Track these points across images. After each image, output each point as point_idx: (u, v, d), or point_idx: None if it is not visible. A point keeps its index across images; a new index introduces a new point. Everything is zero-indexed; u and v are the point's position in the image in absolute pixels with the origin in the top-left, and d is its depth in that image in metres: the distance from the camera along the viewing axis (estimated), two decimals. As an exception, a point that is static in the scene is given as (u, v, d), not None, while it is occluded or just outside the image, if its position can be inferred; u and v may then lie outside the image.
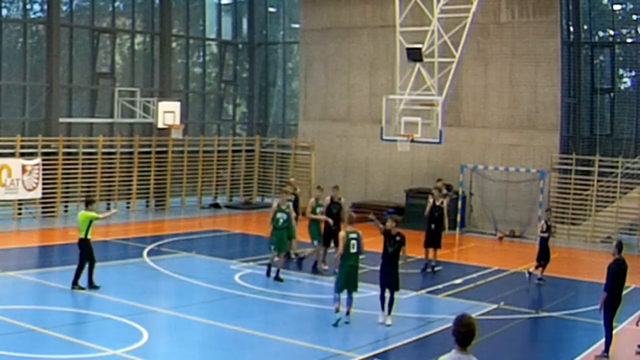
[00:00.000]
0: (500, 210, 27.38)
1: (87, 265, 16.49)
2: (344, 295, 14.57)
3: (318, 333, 14.30)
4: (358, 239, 14.58)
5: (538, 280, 19.17)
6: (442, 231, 20.58)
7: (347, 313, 14.64)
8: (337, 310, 14.47)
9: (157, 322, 14.69)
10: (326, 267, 19.28)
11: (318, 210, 19.52)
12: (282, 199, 18.83)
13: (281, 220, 18.27)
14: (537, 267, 19.41)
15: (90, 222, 16.44)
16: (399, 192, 29.04)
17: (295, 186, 21.48)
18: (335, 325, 14.36)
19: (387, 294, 14.63)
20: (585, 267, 22.56)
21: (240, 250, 22.57)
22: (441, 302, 17.17)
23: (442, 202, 20.48)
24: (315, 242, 19.49)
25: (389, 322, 14.55)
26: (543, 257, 19.24)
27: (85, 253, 16.46)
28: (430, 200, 20.48)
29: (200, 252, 21.41)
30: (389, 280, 14.61)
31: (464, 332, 6.41)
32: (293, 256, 20.30)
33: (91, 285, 16.40)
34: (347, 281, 14.50)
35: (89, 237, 16.48)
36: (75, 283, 16.32)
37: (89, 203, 16.97)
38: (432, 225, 20.13)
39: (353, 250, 14.53)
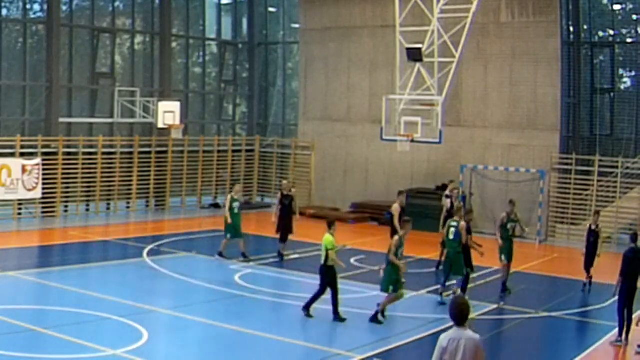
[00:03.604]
0: (500, 210, 27.26)
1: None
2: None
3: (318, 333, 14.31)
4: (457, 227, 16.52)
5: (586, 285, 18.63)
6: None
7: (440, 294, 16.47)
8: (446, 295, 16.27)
9: (157, 322, 14.69)
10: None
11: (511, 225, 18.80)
12: (405, 230, 15.70)
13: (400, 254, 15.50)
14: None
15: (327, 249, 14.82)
16: (399, 192, 29.00)
17: (290, 187, 21.82)
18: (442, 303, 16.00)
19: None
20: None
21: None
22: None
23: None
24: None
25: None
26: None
27: (324, 281, 14.85)
28: (448, 202, 20.33)
29: (200, 252, 21.39)
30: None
31: (457, 312, 7.50)
32: (241, 258, 20.40)
33: (337, 317, 14.85)
34: (447, 266, 16.68)
35: (329, 263, 14.84)
36: (307, 307, 15.03)
37: (330, 225, 15.12)
38: None
39: (451, 237, 16.58)
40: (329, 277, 14.84)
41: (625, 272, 13.89)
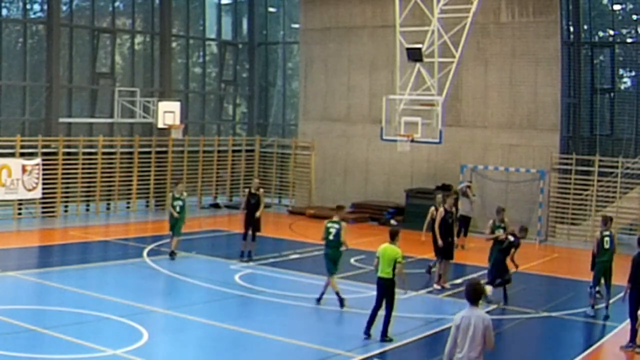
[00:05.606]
0: (501, 211, 27.32)
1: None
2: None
3: (318, 333, 14.31)
4: (611, 237, 16.12)
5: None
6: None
7: (606, 307, 16.09)
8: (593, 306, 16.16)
9: (157, 322, 14.70)
10: None
11: (498, 231, 17.51)
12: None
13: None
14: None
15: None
16: (399, 192, 29.03)
17: (258, 186, 21.77)
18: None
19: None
20: (585, 267, 22.29)
21: (240, 250, 22.55)
22: (441, 302, 17.18)
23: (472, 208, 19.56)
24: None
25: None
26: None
27: (391, 296, 13.77)
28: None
29: (200, 252, 21.40)
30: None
31: (467, 293, 8.72)
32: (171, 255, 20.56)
33: (384, 337, 13.77)
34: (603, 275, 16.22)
35: (395, 276, 13.75)
36: (384, 334, 13.80)
37: (393, 235, 13.96)
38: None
39: (607, 246, 16.15)
40: (393, 291, 13.83)
41: (634, 277, 13.66)
